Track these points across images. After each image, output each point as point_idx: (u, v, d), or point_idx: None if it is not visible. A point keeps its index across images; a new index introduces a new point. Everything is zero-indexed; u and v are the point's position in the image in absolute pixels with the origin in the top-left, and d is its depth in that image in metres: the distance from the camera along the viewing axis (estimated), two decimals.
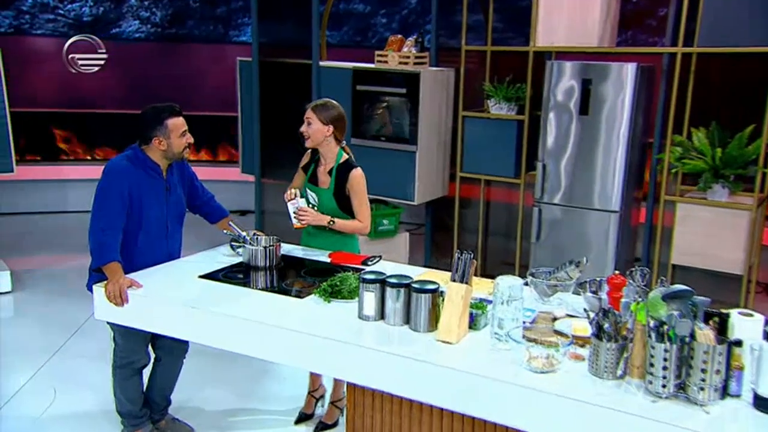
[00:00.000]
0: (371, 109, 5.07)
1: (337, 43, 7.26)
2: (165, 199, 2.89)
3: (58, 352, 4.08)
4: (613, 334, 2.03)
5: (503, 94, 4.84)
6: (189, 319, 2.48)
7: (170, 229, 2.93)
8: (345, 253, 3.08)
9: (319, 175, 3.12)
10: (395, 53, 4.99)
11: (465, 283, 2.23)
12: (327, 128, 3.02)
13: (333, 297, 2.52)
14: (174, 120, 2.83)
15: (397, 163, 4.96)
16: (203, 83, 7.33)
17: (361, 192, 3.03)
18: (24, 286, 5.16)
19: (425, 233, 5.65)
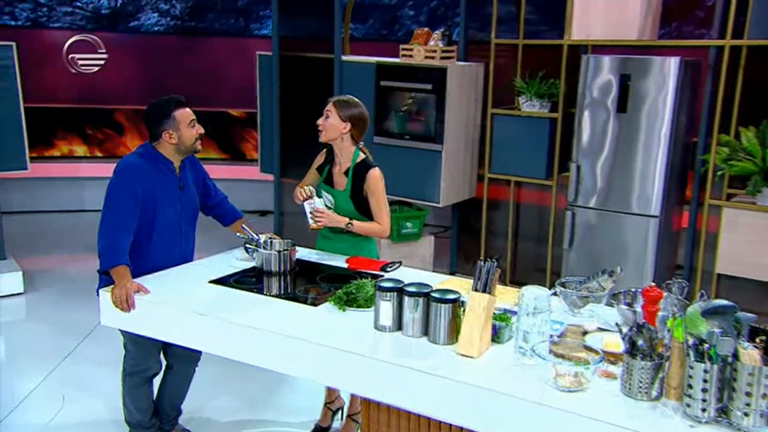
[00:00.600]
0: (395, 106, 5.05)
1: (362, 37, 7.26)
2: (179, 197, 2.89)
3: (69, 356, 4.13)
4: (647, 351, 1.96)
5: (535, 90, 4.77)
6: (196, 326, 2.47)
7: (184, 229, 2.93)
8: (363, 258, 3.05)
9: (335, 176, 3.10)
10: (421, 47, 4.96)
11: (488, 293, 2.18)
12: (344, 125, 3.00)
13: (348, 305, 2.49)
14: (181, 111, 2.83)
15: (421, 163, 4.93)
16: (223, 78, 7.39)
17: (379, 193, 3.01)
18: (36, 287, 5.24)
19: (451, 237, 5.61)
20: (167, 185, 2.85)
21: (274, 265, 2.87)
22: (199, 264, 2.99)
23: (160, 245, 2.85)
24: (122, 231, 2.69)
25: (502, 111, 4.95)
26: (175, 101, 2.84)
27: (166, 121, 2.81)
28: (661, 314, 2.07)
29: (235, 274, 2.87)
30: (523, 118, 4.83)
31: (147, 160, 2.82)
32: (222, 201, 3.20)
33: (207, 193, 3.14)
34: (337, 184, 3.09)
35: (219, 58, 7.44)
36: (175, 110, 2.82)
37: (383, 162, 4.95)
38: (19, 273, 5.08)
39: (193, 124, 2.87)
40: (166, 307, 2.54)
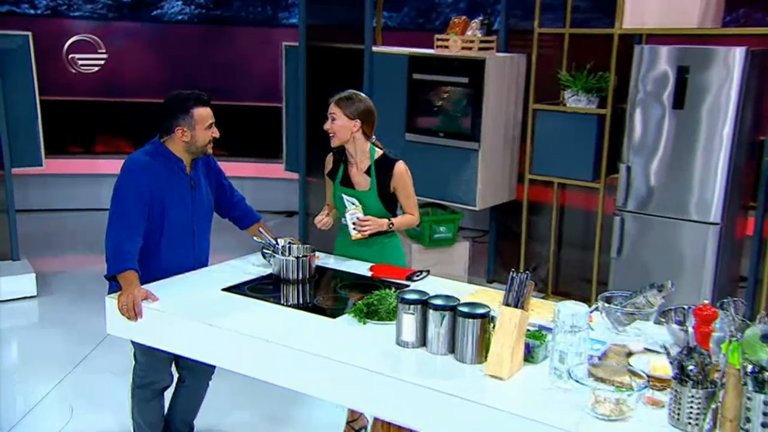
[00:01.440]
0: (429, 101, 5.03)
1: (397, 26, 7.23)
2: (190, 197, 2.88)
3: (81, 364, 4.18)
4: (699, 377, 1.87)
5: (582, 83, 4.69)
6: (205, 338, 2.46)
7: (196, 232, 2.92)
8: (388, 266, 3.02)
9: (353, 177, 3.09)
10: (458, 37, 4.91)
11: (520, 308, 2.11)
12: (354, 123, 2.99)
13: (369, 318, 2.45)
14: (201, 110, 2.82)
15: (457, 163, 4.90)
16: (249, 70, 7.43)
17: (408, 186, 3.08)
18: (50, 289, 5.33)
19: (489, 242, 5.57)
20: (177, 184, 2.84)
21: (291, 273, 2.86)
22: (212, 270, 2.99)
23: (170, 249, 2.84)
24: (130, 233, 2.69)
25: (545, 106, 4.88)
26: (196, 97, 2.82)
27: (183, 117, 2.80)
28: (716, 336, 1.98)
29: (251, 281, 2.85)
30: (568, 115, 4.76)
31: (155, 157, 2.81)
32: (239, 202, 3.19)
33: (222, 194, 3.13)
34: (358, 185, 3.08)
35: (245, 49, 7.49)
36: (195, 107, 2.81)
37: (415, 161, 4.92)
38: (32, 275, 5.17)
39: (210, 126, 2.86)
40: (174, 316, 2.54)
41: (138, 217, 2.71)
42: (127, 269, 2.63)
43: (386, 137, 4.96)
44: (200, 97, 2.84)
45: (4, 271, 5.19)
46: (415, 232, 5.11)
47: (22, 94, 5.28)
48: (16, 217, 5.40)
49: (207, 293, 2.72)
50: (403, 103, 5.05)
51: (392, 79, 5.07)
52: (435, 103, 5.01)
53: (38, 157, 5.46)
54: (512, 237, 5.39)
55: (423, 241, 5.01)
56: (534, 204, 5.18)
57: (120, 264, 2.64)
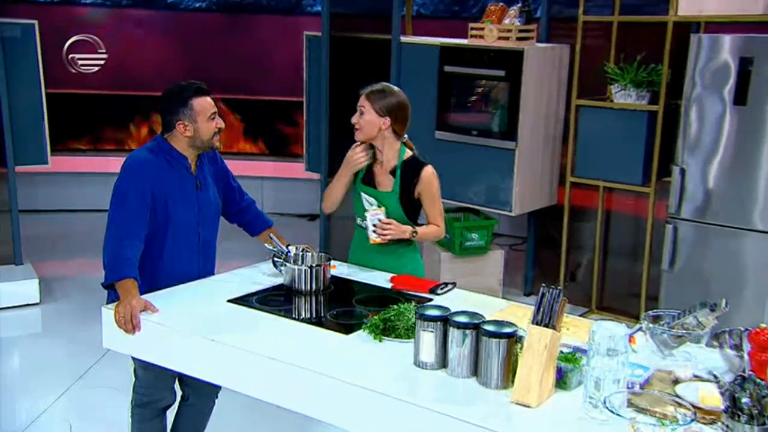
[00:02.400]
0: (461, 96, 5.02)
1: (430, 14, 7.20)
2: (195, 198, 2.87)
3: (82, 378, 4.22)
4: (753, 411, 1.79)
5: (632, 77, 4.64)
6: (207, 354, 2.44)
7: (203, 236, 2.92)
8: (410, 277, 2.98)
9: (377, 176, 3.06)
10: (494, 26, 4.88)
11: (551, 327, 2.06)
12: (383, 120, 2.96)
13: (385, 335, 2.42)
14: (200, 100, 2.81)
15: (491, 164, 4.88)
16: (270, 62, 7.48)
17: (435, 193, 3.05)
18: (54, 297, 5.40)
19: (526, 251, 5.53)
20: (181, 184, 2.83)
21: (304, 283, 2.83)
22: (218, 279, 2.98)
23: (174, 255, 2.84)
24: (131, 238, 2.68)
25: (590, 102, 4.83)
26: (194, 88, 2.82)
27: (182, 110, 2.80)
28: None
29: (259, 292, 2.84)
30: (615, 111, 4.70)
31: (157, 154, 2.81)
32: (248, 206, 3.18)
33: (231, 196, 3.12)
34: (381, 185, 3.05)
35: (266, 39, 7.53)
36: (194, 98, 2.80)
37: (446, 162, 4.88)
38: (35, 281, 5.24)
39: (213, 117, 2.84)
40: (175, 330, 2.53)
41: (139, 220, 2.71)
42: (125, 277, 2.62)
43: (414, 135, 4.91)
44: (199, 86, 2.83)
45: (5, 276, 5.27)
46: (445, 239, 5.05)
47: (27, 87, 5.35)
48: (20, 218, 5.47)
49: (211, 305, 2.71)
50: (433, 99, 5.05)
51: (422, 72, 5.07)
52: (468, 99, 5.01)
53: (43, 155, 5.53)
54: (552, 245, 5.36)
55: (453, 249, 4.98)
56: (577, 209, 5.14)
57: (118, 272, 2.64)
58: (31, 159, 5.52)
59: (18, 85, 5.32)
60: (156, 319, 2.57)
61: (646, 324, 2.40)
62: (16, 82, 5.30)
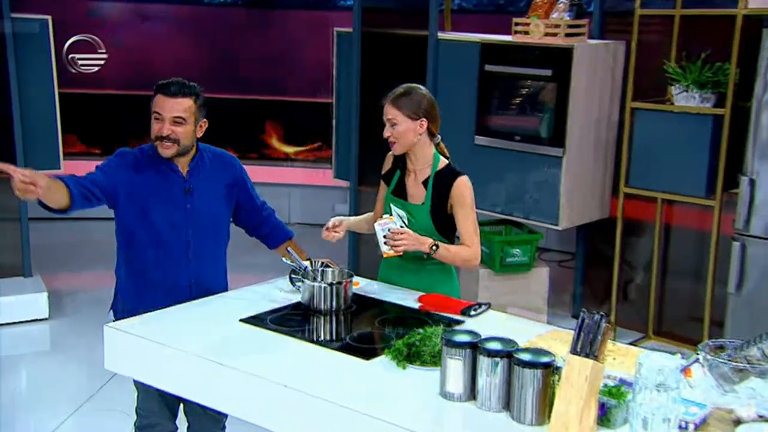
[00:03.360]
0: (504, 98, 4.99)
1: (473, 8, 7.17)
2: (183, 202, 2.90)
3: (90, 401, 4.25)
4: None
5: (695, 77, 4.54)
6: (213, 379, 2.43)
7: (193, 245, 2.92)
8: (440, 296, 2.95)
9: (408, 187, 3.05)
10: (540, 21, 4.84)
11: (593, 358, 2.01)
12: (419, 124, 2.94)
13: (409, 361, 2.39)
14: (157, 98, 2.84)
15: (536, 172, 4.83)
16: (299, 60, 7.52)
17: (469, 206, 2.97)
18: (63, 312, 5.46)
19: (575, 268, 5.46)
20: (166, 185, 2.89)
21: (323, 302, 2.82)
22: (230, 296, 2.99)
23: (159, 264, 2.89)
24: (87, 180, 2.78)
25: (648, 105, 4.74)
26: (162, 84, 2.85)
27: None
28: None
29: (274, 311, 2.83)
30: (676, 115, 4.61)
31: (143, 154, 2.91)
32: (268, 217, 3.21)
33: (252, 209, 3.15)
34: (412, 197, 3.03)
35: (293, 36, 7.57)
36: (156, 94, 2.85)
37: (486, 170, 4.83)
38: (44, 294, 5.30)
39: (157, 117, 2.84)
40: (180, 351, 2.52)
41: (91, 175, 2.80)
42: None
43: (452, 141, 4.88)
44: (164, 84, 2.85)
45: (13, 288, 5.34)
46: (484, 254, 5.00)
47: (39, 87, 5.44)
48: (30, 226, 5.56)
49: (221, 324, 2.71)
50: (472, 101, 5.01)
51: (460, 72, 5.03)
52: (511, 101, 4.96)
53: (56, 159, 5.62)
54: (604, 262, 5.27)
55: (493, 265, 4.94)
56: (631, 223, 5.05)
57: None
58: (42, 163, 5.56)
59: (30, 84, 5.40)
60: (160, 339, 2.58)
61: (704, 355, 2.32)
62: (27, 81, 5.39)
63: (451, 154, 3.14)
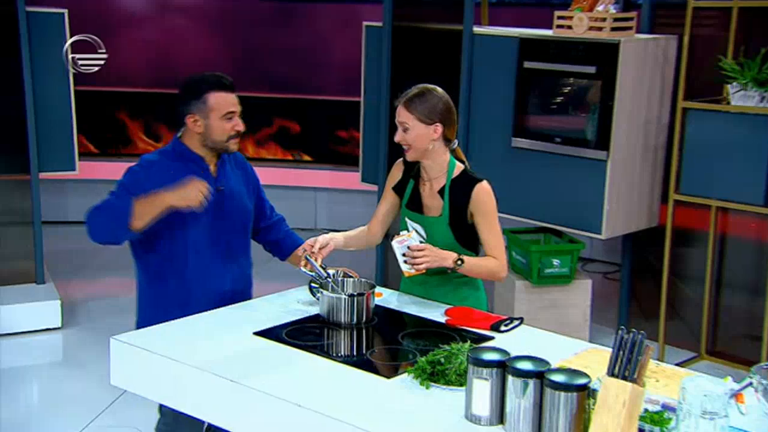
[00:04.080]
0: (544, 97, 4.96)
1: (512, 1, 7.15)
2: (215, 201, 2.93)
3: (101, 416, 4.26)
4: None
5: (754, 74, 4.46)
6: (223, 396, 2.42)
7: (233, 245, 2.99)
8: (470, 310, 2.93)
9: (424, 198, 3.01)
10: (584, 14, 4.80)
11: (631, 381, 1.96)
12: (433, 129, 2.89)
13: (433, 381, 2.36)
14: (217, 95, 2.88)
15: (578, 177, 4.79)
16: (327, 56, 7.55)
17: (491, 215, 2.91)
18: (77, 321, 5.50)
19: (621, 281, 5.38)
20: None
21: (343, 314, 2.81)
22: (244, 307, 2.98)
23: (200, 268, 2.93)
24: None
25: (701, 105, 4.68)
26: (213, 80, 2.90)
27: (194, 103, 2.89)
28: None
29: (290, 323, 2.83)
30: (732, 116, 4.55)
31: (167, 157, 2.95)
32: (278, 223, 3.26)
33: (261, 211, 3.18)
34: (429, 209, 2.99)
35: (321, 30, 7.60)
36: (210, 92, 2.88)
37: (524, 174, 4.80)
38: (57, 302, 5.33)
39: (230, 117, 2.92)
40: (187, 366, 2.51)
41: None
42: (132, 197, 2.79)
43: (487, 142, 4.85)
44: (220, 80, 2.91)
45: (25, 296, 5.39)
46: (521, 265, 5.00)
47: (54, 84, 5.50)
48: (44, 230, 5.61)
49: (234, 338, 2.70)
50: (510, 100, 4.98)
51: (497, 69, 5.01)
52: (552, 100, 4.94)
53: (71, 160, 5.67)
54: (652, 274, 5.23)
55: (531, 277, 4.89)
56: (682, 232, 5.00)
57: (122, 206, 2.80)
58: (57, 165, 5.67)
59: (44, 82, 5.47)
60: (167, 352, 2.57)
61: (758, 378, 2.26)
62: (42, 78, 5.45)
63: (487, 156, 3.13)
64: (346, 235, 3.13)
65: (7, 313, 5.21)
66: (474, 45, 5.15)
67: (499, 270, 2.91)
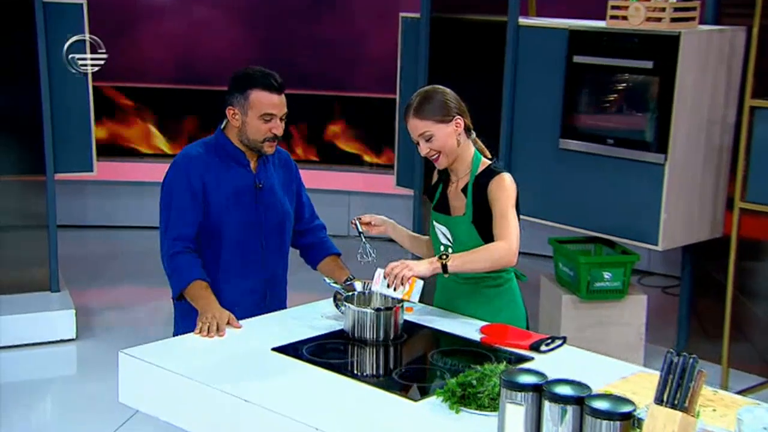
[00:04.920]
0: (595, 94, 4.94)
1: None
2: (254, 199, 3.09)
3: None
4: None
5: None
6: (236, 418, 2.42)
7: (267, 247, 3.11)
8: (507, 327, 2.91)
9: (450, 199, 3.06)
10: (641, 3, 4.75)
11: (681, 410, 1.93)
12: (455, 123, 2.95)
13: (464, 404, 2.35)
14: (260, 94, 3.01)
15: (632, 181, 4.75)
16: (362, 50, 7.58)
17: (505, 198, 2.89)
18: (93, 331, 5.55)
19: (680, 296, 5.33)
20: (236, 180, 3.07)
21: (369, 330, 2.82)
22: (265, 319, 3.02)
23: (232, 269, 3.07)
24: (185, 240, 3.00)
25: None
26: (260, 77, 3.01)
27: (237, 96, 3.03)
28: None
29: (313, 339, 2.84)
30: None
31: (209, 150, 3.09)
32: (316, 229, 3.35)
33: (299, 213, 3.30)
34: (455, 209, 3.04)
35: (357, 22, 7.63)
36: (254, 89, 3.00)
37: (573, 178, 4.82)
38: (72, 312, 5.37)
39: (269, 119, 3.03)
40: (200, 383, 2.52)
41: (192, 215, 3.00)
42: (191, 281, 2.92)
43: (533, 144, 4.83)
44: (268, 79, 3.02)
45: (38, 305, 5.45)
46: (569, 278, 4.95)
47: (71, 78, 5.55)
48: (59, 235, 5.66)
49: (251, 353, 2.72)
50: (558, 98, 4.95)
51: (545, 64, 4.99)
52: (604, 98, 4.91)
53: (88, 160, 5.72)
54: (715, 290, 5.16)
55: (579, 291, 4.86)
56: (749, 243, 4.97)
57: (182, 277, 2.94)
58: (73, 165, 5.72)
59: (62, 77, 5.53)
60: (178, 368, 2.59)
61: None
62: (59, 73, 5.52)
63: (532, 159, 3.16)
64: (407, 233, 3.26)
65: (18, 323, 5.27)
66: (519, 38, 5.13)
67: (503, 254, 2.81)
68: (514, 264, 2.87)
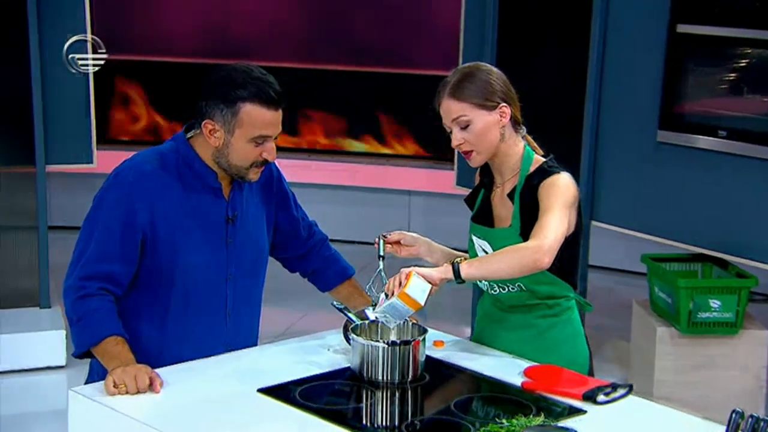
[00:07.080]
0: (704, 74, 4.92)
1: None
2: (224, 236, 2.94)
3: None
4: None
5: None
6: None
7: (234, 294, 2.99)
8: (558, 370, 2.84)
9: (495, 207, 3.04)
10: None
11: None
12: (499, 112, 2.89)
13: None
14: (254, 110, 2.79)
15: (750, 185, 4.71)
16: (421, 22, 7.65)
17: (554, 196, 2.83)
18: None
19: None
20: (202, 210, 2.91)
21: (380, 369, 2.77)
22: (254, 353, 3.02)
23: (188, 327, 2.94)
24: (100, 279, 2.78)
25: None
26: (256, 87, 2.79)
27: (221, 107, 2.81)
28: None
29: (312, 378, 2.81)
30: None
31: (166, 165, 2.88)
32: (318, 246, 3.26)
33: (293, 232, 3.20)
34: (499, 219, 3.02)
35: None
36: (246, 102, 2.80)
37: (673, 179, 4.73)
38: (62, 333, 5.39)
39: (261, 142, 2.84)
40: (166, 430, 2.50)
41: (119, 255, 2.81)
42: (103, 338, 2.72)
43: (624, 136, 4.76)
44: (264, 87, 2.81)
45: (25, 323, 5.49)
46: (666, 305, 4.88)
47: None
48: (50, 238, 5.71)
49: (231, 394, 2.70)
50: (656, 78, 4.94)
51: (640, 36, 5.02)
52: (715, 78, 4.90)
53: (87, 150, 5.80)
54: None
55: (679, 322, 4.79)
56: None
57: (91, 332, 2.73)
58: (69, 156, 5.78)
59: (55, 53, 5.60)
60: (139, 414, 2.56)
61: None
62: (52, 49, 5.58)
63: (623, 155, 3.11)
64: (446, 252, 3.14)
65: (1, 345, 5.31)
66: (609, 4, 5.12)
67: (530, 252, 2.74)
68: (544, 265, 2.77)
